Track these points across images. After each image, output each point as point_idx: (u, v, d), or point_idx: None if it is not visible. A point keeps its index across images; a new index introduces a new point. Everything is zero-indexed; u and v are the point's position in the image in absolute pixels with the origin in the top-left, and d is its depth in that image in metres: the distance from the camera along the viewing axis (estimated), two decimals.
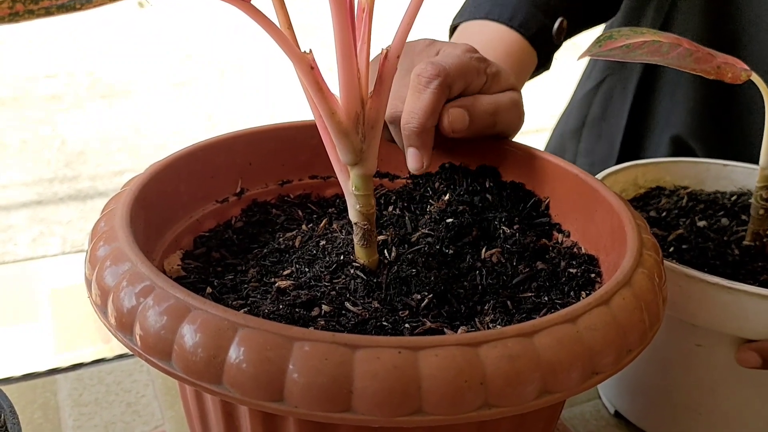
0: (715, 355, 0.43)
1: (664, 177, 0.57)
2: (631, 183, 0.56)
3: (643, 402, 0.49)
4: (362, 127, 0.36)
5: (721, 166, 0.56)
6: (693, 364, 0.45)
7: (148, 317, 0.29)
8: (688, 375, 0.45)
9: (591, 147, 0.80)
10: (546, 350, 0.27)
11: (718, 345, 0.43)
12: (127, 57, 3.26)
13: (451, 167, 0.48)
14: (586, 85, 0.81)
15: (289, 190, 0.48)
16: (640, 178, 0.56)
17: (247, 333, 0.27)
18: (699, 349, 0.44)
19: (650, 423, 0.49)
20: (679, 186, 0.57)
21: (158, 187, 0.40)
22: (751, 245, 0.47)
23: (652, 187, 0.56)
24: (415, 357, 0.26)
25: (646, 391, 0.48)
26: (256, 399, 0.26)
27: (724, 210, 0.52)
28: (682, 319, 0.43)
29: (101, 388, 0.53)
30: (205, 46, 3.37)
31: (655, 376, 0.47)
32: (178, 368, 0.28)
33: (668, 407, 0.47)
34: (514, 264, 0.39)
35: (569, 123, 0.82)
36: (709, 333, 0.43)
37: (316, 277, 0.38)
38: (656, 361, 0.46)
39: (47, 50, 3.21)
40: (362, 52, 0.35)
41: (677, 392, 0.46)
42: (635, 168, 0.56)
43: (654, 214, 0.52)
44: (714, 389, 0.45)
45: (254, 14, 0.32)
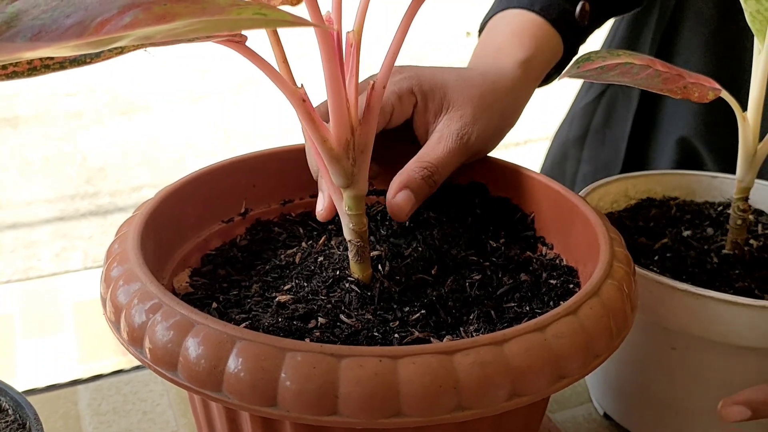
0: (688, 358, 0.46)
1: (654, 188, 0.59)
2: (622, 194, 0.58)
3: (626, 403, 0.51)
4: (353, 152, 0.39)
5: (711, 178, 0.58)
6: (669, 366, 0.47)
7: (156, 332, 0.32)
8: (665, 377, 0.48)
9: (594, 154, 0.82)
10: (515, 357, 0.30)
11: (691, 348, 0.45)
12: (145, 73, 3.32)
13: (442, 184, 0.51)
14: (587, 96, 0.82)
15: (291, 209, 0.51)
16: (630, 190, 0.59)
17: (245, 345, 0.30)
18: (673, 352, 0.46)
19: (634, 423, 0.51)
20: (669, 197, 0.59)
21: (167, 210, 0.43)
22: (730, 254, 0.49)
23: (642, 198, 0.58)
24: (394, 365, 0.29)
25: (629, 392, 0.51)
26: (252, 404, 0.29)
27: (710, 220, 0.54)
28: (657, 323, 0.46)
29: (119, 398, 0.57)
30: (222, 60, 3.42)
31: (636, 378, 0.49)
32: (183, 378, 0.31)
33: (649, 408, 0.49)
34: (499, 276, 0.42)
35: (572, 131, 0.84)
36: (681, 336, 0.45)
37: (313, 291, 0.41)
38: (636, 364, 0.49)
39: None
40: (351, 84, 0.38)
41: (656, 393, 0.49)
42: (626, 180, 0.58)
43: (642, 224, 0.55)
44: (689, 390, 0.47)
45: (250, 55, 0.36)
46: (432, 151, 0.46)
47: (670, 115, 0.74)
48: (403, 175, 0.44)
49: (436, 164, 0.45)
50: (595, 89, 0.81)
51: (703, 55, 0.69)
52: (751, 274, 0.47)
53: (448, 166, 0.46)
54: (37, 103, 3.04)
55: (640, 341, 0.47)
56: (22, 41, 0.22)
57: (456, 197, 0.50)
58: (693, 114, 0.72)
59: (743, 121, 0.45)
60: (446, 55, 3.32)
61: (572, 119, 0.84)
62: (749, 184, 0.47)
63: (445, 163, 0.45)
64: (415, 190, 0.44)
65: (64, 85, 3.19)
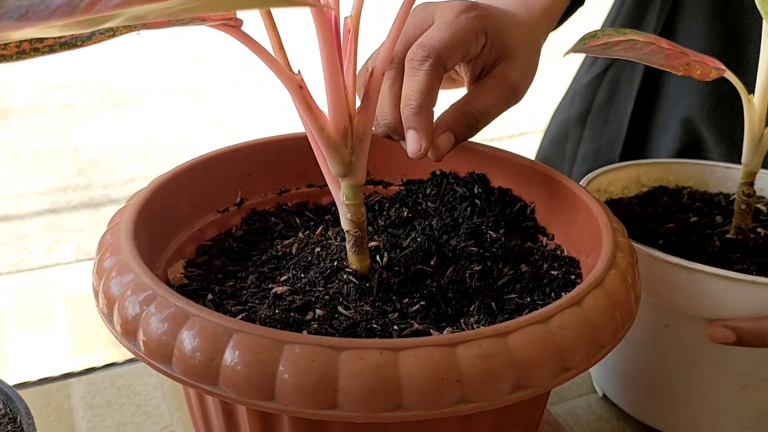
0: (681, 335, 0.45)
1: (667, 177, 0.58)
2: (634, 181, 0.57)
3: (622, 383, 0.51)
4: (351, 141, 0.38)
5: (725, 169, 0.57)
6: (662, 344, 0.46)
7: (150, 324, 0.31)
8: (658, 355, 0.47)
9: (597, 132, 0.80)
10: (519, 349, 0.29)
11: (684, 325, 0.45)
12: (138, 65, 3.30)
13: (441, 174, 0.50)
14: (589, 74, 0.81)
15: (287, 199, 0.50)
16: (643, 177, 0.57)
17: (241, 337, 0.29)
18: (667, 329, 0.45)
19: (630, 404, 0.51)
20: (682, 186, 0.57)
21: (161, 200, 0.42)
22: (733, 239, 0.48)
23: (655, 186, 0.57)
24: (395, 357, 0.28)
25: (625, 372, 0.50)
26: (249, 398, 0.28)
27: (720, 209, 0.54)
28: (650, 300, 0.45)
29: (113, 391, 0.56)
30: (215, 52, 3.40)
31: (631, 357, 0.49)
32: (178, 371, 0.30)
33: (643, 388, 0.49)
34: (499, 267, 0.41)
35: (573, 109, 0.82)
36: (674, 313, 0.44)
37: (311, 282, 0.40)
38: (631, 343, 0.48)
39: (59, 60, 3.26)
40: (349, 71, 0.38)
41: (650, 373, 0.48)
42: (638, 167, 0.57)
43: (651, 211, 0.54)
44: (680, 369, 0.46)
45: (245, 40, 0.35)
46: (484, 98, 0.45)
47: (674, 96, 0.73)
48: (450, 117, 0.45)
49: (483, 113, 0.45)
50: (598, 66, 0.79)
51: (707, 39, 0.69)
52: (752, 259, 0.47)
53: (494, 116, 0.46)
54: (28, 95, 3.02)
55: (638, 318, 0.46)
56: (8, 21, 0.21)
57: (455, 187, 0.49)
58: (697, 95, 0.71)
59: (749, 103, 0.45)
60: None
61: (573, 97, 0.82)
62: (755, 168, 0.47)
63: (493, 113, 0.46)
64: (458, 135, 0.44)
65: (56, 77, 3.17)
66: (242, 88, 3.08)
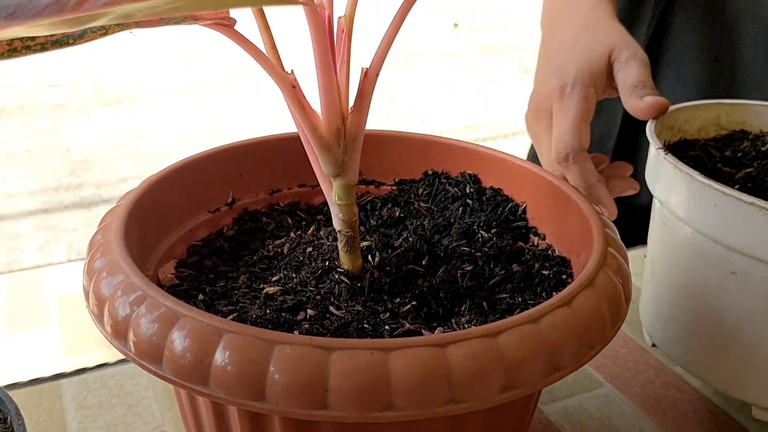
0: (749, 284, 0.41)
1: (751, 120, 0.53)
2: (713, 122, 0.53)
3: (677, 333, 0.47)
4: (343, 141, 0.38)
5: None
6: (726, 293, 0.43)
7: (140, 325, 0.31)
8: (721, 305, 0.43)
9: None
10: (509, 349, 0.29)
11: (753, 273, 0.41)
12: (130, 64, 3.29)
13: (433, 174, 0.50)
14: None
15: (279, 199, 0.50)
16: (723, 119, 0.53)
17: (232, 338, 0.29)
18: (734, 277, 0.42)
19: (683, 356, 0.47)
20: (766, 132, 0.53)
21: (152, 200, 0.42)
22: None
23: (735, 130, 0.53)
24: (385, 357, 0.28)
25: (681, 321, 0.47)
26: (240, 398, 0.28)
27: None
28: (717, 242, 0.41)
29: (104, 392, 0.55)
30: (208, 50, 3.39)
31: (690, 305, 0.46)
32: (168, 372, 0.30)
33: (700, 339, 0.46)
34: (491, 266, 0.41)
35: None
36: (744, 259, 0.41)
37: (302, 282, 0.40)
38: (691, 289, 0.45)
39: (51, 59, 3.25)
40: (342, 71, 0.38)
41: (709, 323, 0.45)
42: (719, 106, 0.53)
43: (729, 154, 0.50)
44: (745, 322, 0.43)
45: (238, 39, 0.35)
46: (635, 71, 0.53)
47: (670, 91, 0.73)
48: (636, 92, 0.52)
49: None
50: None
51: (701, 34, 0.69)
52: None
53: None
54: (20, 94, 3.01)
55: (697, 265, 0.43)
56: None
57: (447, 187, 0.49)
58: (693, 87, 0.71)
59: None
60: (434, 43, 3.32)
61: None
62: None
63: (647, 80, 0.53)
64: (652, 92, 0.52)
65: (47, 76, 3.16)
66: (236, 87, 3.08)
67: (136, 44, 3.41)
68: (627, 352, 0.58)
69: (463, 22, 3.95)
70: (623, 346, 0.58)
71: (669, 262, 0.47)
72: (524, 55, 3.48)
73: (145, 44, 3.44)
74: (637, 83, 0.52)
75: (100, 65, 3.27)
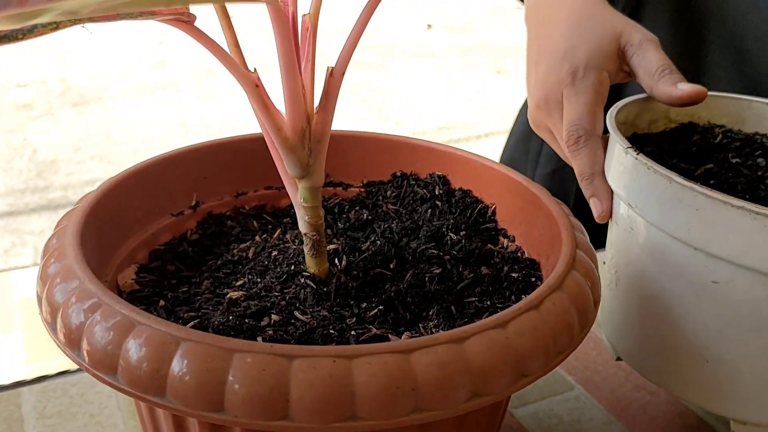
0: (730, 294, 0.39)
1: (699, 113, 0.53)
2: (662, 115, 0.53)
3: (645, 346, 0.45)
4: (308, 142, 0.37)
5: (764, 105, 0.51)
6: (706, 304, 0.40)
7: (95, 333, 0.30)
8: (699, 317, 0.41)
9: None
10: (476, 356, 0.28)
11: (738, 281, 0.38)
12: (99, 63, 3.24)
13: (402, 175, 0.49)
14: None
15: (245, 202, 0.49)
16: (672, 112, 0.53)
17: (189, 346, 0.28)
18: (715, 286, 0.39)
19: (651, 370, 0.45)
20: (714, 124, 0.52)
21: (112, 203, 0.41)
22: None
23: (684, 123, 0.52)
24: (349, 365, 0.27)
25: (650, 333, 0.44)
26: (198, 410, 0.27)
27: (763, 149, 0.48)
28: (698, 250, 0.39)
29: (65, 400, 0.54)
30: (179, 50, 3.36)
31: (662, 316, 0.43)
32: (123, 382, 0.29)
33: (672, 353, 0.43)
34: (459, 270, 0.41)
35: None
36: (726, 267, 0.38)
37: (267, 287, 0.39)
38: (665, 299, 0.43)
39: (18, 59, 3.19)
40: (307, 70, 0.37)
41: (685, 336, 0.42)
42: None
43: (683, 148, 0.49)
44: (723, 333, 0.40)
45: (199, 36, 0.34)
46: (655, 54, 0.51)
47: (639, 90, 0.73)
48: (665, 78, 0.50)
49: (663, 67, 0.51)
50: None
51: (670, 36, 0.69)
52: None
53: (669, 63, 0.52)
54: None
55: (672, 274, 0.40)
56: None
57: (416, 189, 0.48)
58: None
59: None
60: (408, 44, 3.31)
61: None
62: None
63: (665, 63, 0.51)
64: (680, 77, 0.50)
65: (14, 76, 3.09)
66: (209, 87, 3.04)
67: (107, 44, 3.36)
68: (598, 354, 0.57)
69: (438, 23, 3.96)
70: (594, 349, 0.58)
71: (637, 272, 0.44)
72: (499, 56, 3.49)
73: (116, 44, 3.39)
74: (662, 67, 0.50)
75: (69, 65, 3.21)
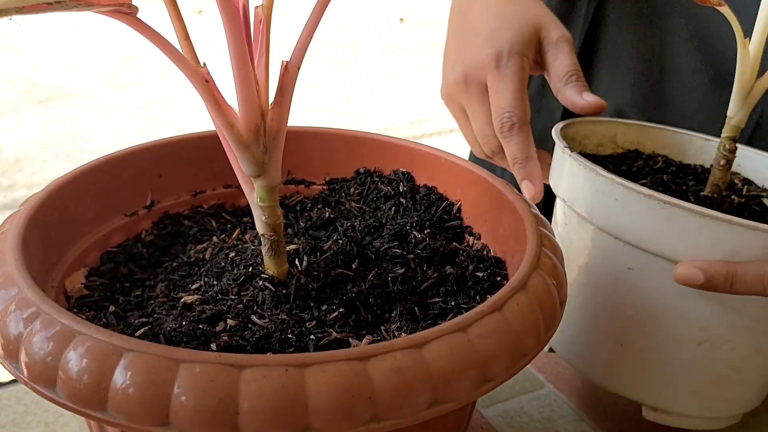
0: (644, 279, 0.42)
1: (644, 141, 0.56)
2: (610, 140, 0.56)
3: (573, 334, 0.48)
4: (263, 139, 0.36)
5: (703, 140, 0.55)
6: (621, 289, 0.43)
7: (33, 344, 0.28)
8: (617, 303, 0.44)
9: None
10: (436, 361, 0.27)
11: (650, 267, 0.42)
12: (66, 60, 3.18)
13: (366, 172, 0.48)
14: None
15: (203, 201, 0.48)
16: (619, 137, 0.56)
17: (133, 357, 0.26)
18: (629, 272, 0.42)
19: (579, 358, 0.48)
20: (658, 153, 0.56)
21: (59, 204, 0.39)
22: (708, 196, 0.46)
23: (630, 149, 0.55)
24: (302, 374, 0.26)
25: (576, 320, 0.47)
26: (141, 425, 0.26)
27: (695, 175, 0.52)
28: (617, 238, 0.42)
29: (19, 408, 0.52)
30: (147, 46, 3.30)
31: (585, 304, 0.46)
32: (63, 396, 0.27)
33: (594, 338, 0.46)
34: (423, 269, 0.40)
35: None
36: (641, 254, 0.41)
37: (223, 290, 0.37)
38: (587, 287, 0.45)
39: None
40: (260, 64, 0.35)
41: (605, 322, 0.45)
42: (616, 125, 0.55)
43: (625, 169, 0.52)
44: (637, 318, 0.43)
45: (142, 29, 0.32)
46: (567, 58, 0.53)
47: (606, 86, 0.73)
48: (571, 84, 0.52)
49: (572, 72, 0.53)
50: None
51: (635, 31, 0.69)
52: None
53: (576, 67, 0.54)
54: None
55: (597, 262, 0.43)
56: None
57: (380, 186, 0.47)
58: (627, 84, 0.71)
59: (743, 48, 0.42)
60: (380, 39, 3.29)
61: None
62: (740, 122, 0.44)
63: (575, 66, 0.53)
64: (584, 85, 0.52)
65: None
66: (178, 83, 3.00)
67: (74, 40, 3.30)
68: None
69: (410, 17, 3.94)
70: None
71: (570, 263, 0.46)
72: None
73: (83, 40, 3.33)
74: (570, 72, 0.51)
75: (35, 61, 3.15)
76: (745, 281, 0.38)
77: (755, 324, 0.42)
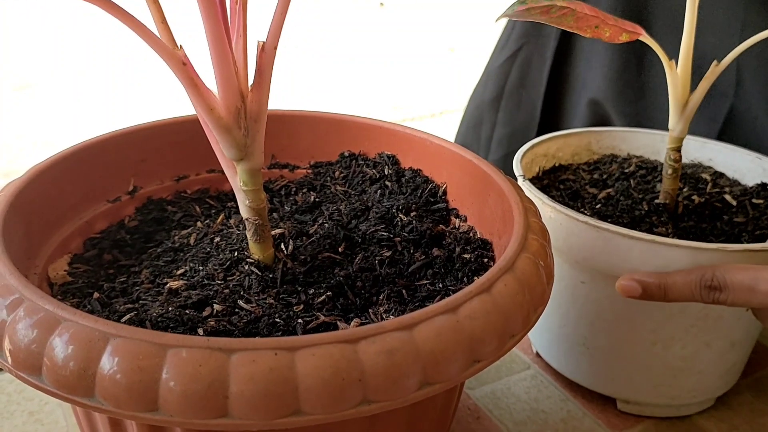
0: (595, 292, 0.46)
1: (619, 145, 0.58)
2: (584, 148, 0.58)
3: (551, 340, 0.52)
4: (244, 122, 0.35)
5: None
6: (579, 299, 0.48)
7: (17, 331, 0.28)
8: (576, 311, 0.48)
9: (510, 116, 0.80)
10: (425, 342, 0.27)
11: (597, 281, 0.46)
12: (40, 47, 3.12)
13: (350, 156, 0.48)
14: (502, 55, 0.80)
15: (186, 186, 0.47)
16: (594, 145, 0.58)
17: (120, 343, 0.26)
18: (583, 285, 0.47)
19: (558, 361, 0.52)
20: (633, 155, 0.57)
21: (40, 190, 0.39)
22: (661, 203, 0.48)
23: (606, 154, 0.58)
24: (291, 357, 0.26)
25: (549, 328, 0.52)
26: (130, 410, 0.26)
27: None
28: (569, 257, 0.46)
29: (2, 398, 0.51)
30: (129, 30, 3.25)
31: (553, 313, 0.50)
32: (49, 383, 0.27)
33: (565, 343, 0.50)
34: (410, 252, 0.39)
35: (486, 93, 0.82)
36: (589, 270, 0.46)
37: (209, 275, 0.37)
38: (556, 299, 0.49)
39: None
40: (238, 46, 0.35)
41: (569, 328, 0.50)
42: (588, 134, 0.57)
43: (597, 177, 0.54)
44: (595, 325, 0.48)
45: (114, 11, 0.31)
46: None
47: (583, 77, 0.73)
48: None
49: None
50: (509, 48, 0.79)
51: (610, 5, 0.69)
52: (675, 223, 0.47)
53: None
54: None
55: (559, 275, 0.47)
56: None
57: (365, 169, 0.47)
58: (603, 78, 0.71)
59: (671, 69, 0.44)
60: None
61: (487, 80, 0.82)
62: (681, 134, 0.46)
63: None
64: None
65: None
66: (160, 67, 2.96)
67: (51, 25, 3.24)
68: None
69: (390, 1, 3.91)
70: None
71: None
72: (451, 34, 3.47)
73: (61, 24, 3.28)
74: None
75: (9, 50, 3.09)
76: (676, 289, 0.41)
77: (699, 322, 0.45)
